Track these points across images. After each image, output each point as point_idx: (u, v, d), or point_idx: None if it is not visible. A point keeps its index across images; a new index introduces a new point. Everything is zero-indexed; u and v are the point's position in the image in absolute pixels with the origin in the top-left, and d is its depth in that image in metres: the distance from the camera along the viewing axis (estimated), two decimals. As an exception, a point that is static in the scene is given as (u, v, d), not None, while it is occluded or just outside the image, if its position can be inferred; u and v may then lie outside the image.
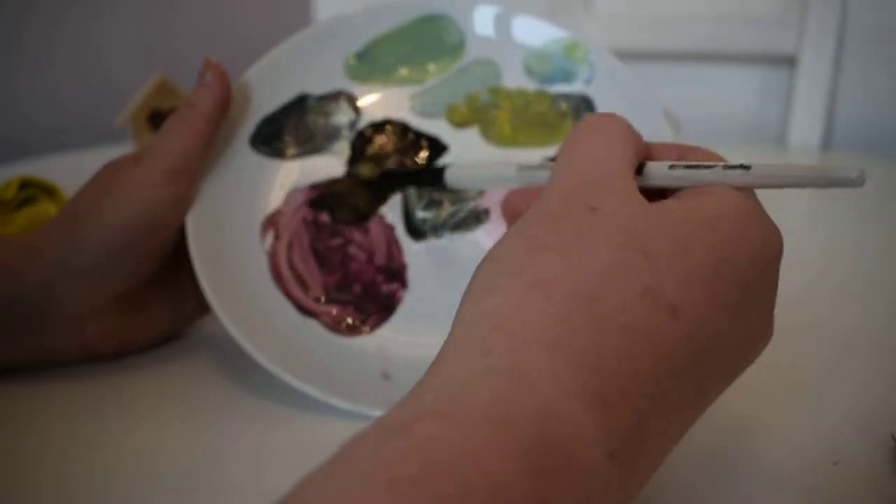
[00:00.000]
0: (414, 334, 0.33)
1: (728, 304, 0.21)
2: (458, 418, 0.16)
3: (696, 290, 0.20)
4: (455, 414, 0.16)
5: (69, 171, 0.46)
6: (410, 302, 0.34)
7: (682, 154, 0.25)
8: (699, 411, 0.21)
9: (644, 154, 0.24)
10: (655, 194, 0.23)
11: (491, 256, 0.22)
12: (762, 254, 0.22)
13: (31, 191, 0.44)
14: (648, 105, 0.35)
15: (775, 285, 0.22)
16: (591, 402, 0.17)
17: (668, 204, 0.22)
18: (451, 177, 0.34)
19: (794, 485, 0.25)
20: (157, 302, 0.34)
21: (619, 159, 0.23)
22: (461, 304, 0.21)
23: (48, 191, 0.45)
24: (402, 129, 0.37)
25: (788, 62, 0.88)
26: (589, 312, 0.19)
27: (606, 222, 0.21)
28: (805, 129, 0.87)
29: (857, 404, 0.30)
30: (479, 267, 0.22)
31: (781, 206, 0.28)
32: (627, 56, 0.37)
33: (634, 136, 0.24)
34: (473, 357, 0.18)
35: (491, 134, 0.37)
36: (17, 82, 0.99)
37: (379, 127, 0.37)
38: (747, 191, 0.23)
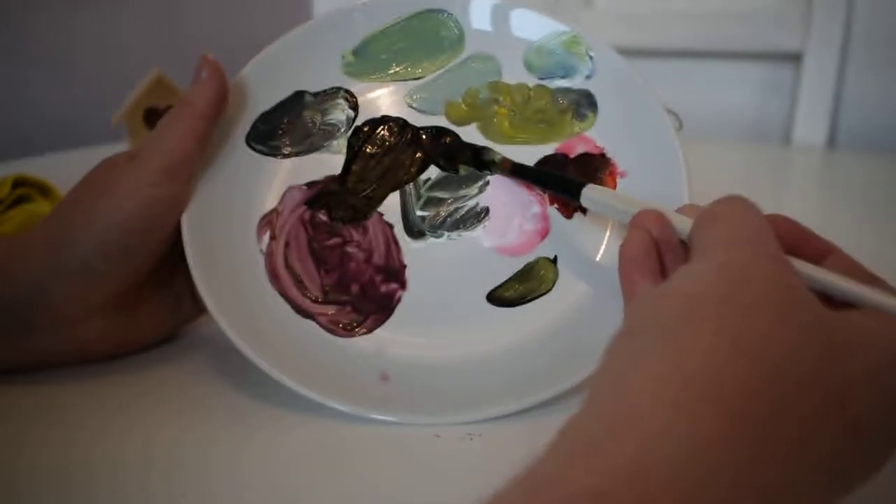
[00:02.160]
0: (412, 335, 0.33)
1: (888, 442, 0.20)
2: (658, 494, 0.16)
3: (877, 413, 0.19)
4: (656, 488, 0.16)
5: (63, 169, 0.45)
6: (409, 302, 0.34)
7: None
8: None
9: None
10: None
11: (680, 291, 0.20)
12: None
13: (25, 189, 0.44)
14: (650, 102, 0.34)
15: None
16: (760, 496, 0.17)
17: (856, 316, 0.21)
18: (586, 196, 0.32)
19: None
20: (153, 302, 0.34)
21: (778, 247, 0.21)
22: (638, 318, 0.20)
23: (42, 189, 0.45)
24: (401, 125, 0.36)
25: (793, 59, 0.88)
26: (791, 406, 0.18)
27: (804, 305, 0.19)
28: (809, 127, 0.86)
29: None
30: (664, 296, 0.20)
31: (781, 206, 0.27)
32: (629, 53, 0.36)
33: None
34: (665, 410, 0.17)
35: (490, 131, 0.36)
36: (21, 81, 0.99)
37: (377, 124, 0.36)
38: None
